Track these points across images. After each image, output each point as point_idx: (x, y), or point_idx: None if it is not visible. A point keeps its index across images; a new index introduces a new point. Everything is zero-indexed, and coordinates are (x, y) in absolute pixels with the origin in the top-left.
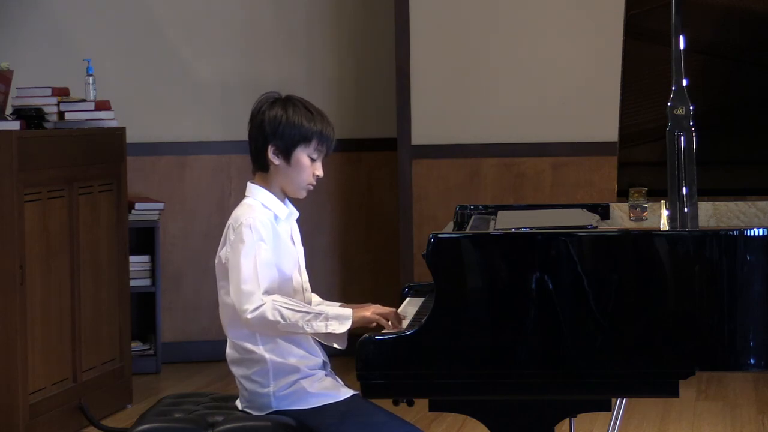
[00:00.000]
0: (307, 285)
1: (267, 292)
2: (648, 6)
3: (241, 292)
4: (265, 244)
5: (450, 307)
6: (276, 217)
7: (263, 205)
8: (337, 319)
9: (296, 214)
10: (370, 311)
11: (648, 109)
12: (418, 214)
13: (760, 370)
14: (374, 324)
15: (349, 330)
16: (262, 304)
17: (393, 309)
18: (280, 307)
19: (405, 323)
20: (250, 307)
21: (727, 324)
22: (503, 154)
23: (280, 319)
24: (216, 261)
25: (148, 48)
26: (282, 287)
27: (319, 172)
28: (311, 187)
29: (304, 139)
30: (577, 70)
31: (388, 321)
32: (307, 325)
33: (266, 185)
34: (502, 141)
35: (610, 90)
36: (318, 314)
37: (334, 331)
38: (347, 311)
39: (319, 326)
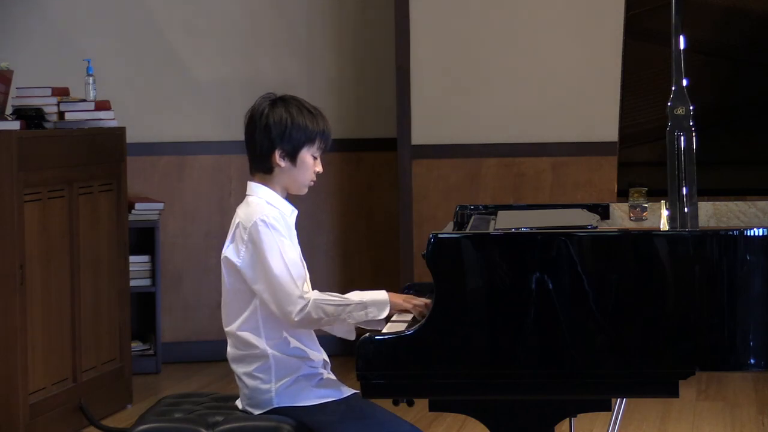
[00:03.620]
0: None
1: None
2: (648, 6)
3: (281, 296)
4: (286, 239)
5: (450, 307)
6: (282, 213)
7: (268, 202)
8: (376, 305)
9: (296, 212)
10: (405, 301)
11: (648, 109)
12: (418, 214)
13: (760, 370)
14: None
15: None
16: (306, 304)
17: (426, 301)
18: (322, 305)
19: (404, 324)
20: (295, 309)
21: (727, 324)
22: (503, 154)
23: (324, 316)
24: (222, 258)
25: (148, 48)
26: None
27: (319, 168)
28: (312, 184)
29: (309, 140)
30: (576, 70)
31: (420, 312)
32: (349, 316)
33: (268, 184)
34: (502, 141)
35: (610, 90)
36: (358, 303)
37: (374, 318)
38: (384, 297)
39: (360, 315)
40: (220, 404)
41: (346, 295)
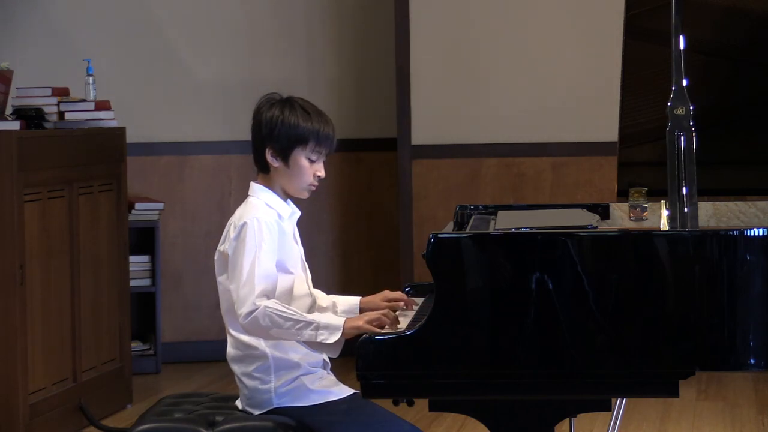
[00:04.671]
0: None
1: (266, 296)
2: (648, 6)
3: (238, 296)
4: (266, 245)
5: (450, 307)
6: (280, 216)
7: (267, 204)
8: (328, 329)
9: (298, 213)
10: (363, 321)
11: (648, 109)
12: (418, 213)
13: (760, 370)
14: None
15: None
16: (255, 310)
17: (387, 311)
18: (272, 314)
19: (404, 321)
20: (245, 311)
21: (727, 324)
22: (503, 154)
23: (271, 325)
24: (216, 256)
25: (148, 48)
26: (286, 287)
27: (321, 173)
28: (313, 188)
29: (301, 140)
30: (576, 70)
31: (383, 327)
32: (298, 333)
33: (269, 185)
34: (502, 141)
35: (610, 90)
36: (309, 323)
37: (324, 341)
38: (339, 322)
39: (310, 335)
40: (220, 404)
41: (315, 312)
